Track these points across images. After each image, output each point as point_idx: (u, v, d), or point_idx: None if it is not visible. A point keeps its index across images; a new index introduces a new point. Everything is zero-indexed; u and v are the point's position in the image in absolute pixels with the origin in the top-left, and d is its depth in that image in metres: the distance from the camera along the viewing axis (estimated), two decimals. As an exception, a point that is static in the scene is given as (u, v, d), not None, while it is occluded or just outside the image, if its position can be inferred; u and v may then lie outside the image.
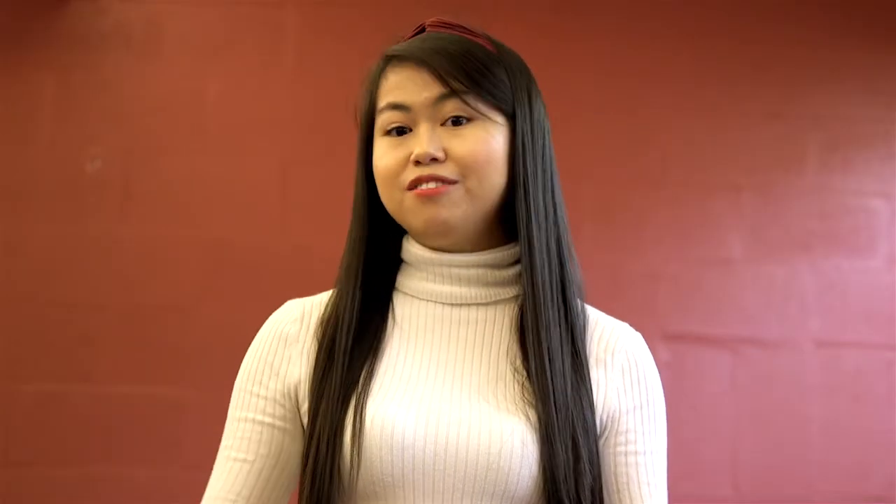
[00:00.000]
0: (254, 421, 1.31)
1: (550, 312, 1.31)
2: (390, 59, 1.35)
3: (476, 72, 1.31)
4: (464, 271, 1.35)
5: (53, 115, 2.91)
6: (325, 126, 2.82)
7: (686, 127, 3.00)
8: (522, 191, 1.32)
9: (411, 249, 1.37)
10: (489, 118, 1.31)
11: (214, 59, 2.96)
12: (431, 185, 1.29)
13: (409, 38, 1.37)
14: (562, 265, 1.34)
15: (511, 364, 1.31)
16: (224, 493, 1.31)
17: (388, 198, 1.33)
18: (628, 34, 3.01)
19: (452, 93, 1.30)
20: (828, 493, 2.91)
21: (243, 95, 2.94)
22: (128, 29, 2.95)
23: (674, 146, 2.99)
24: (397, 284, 1.38)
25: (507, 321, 1.34)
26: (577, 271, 1.36)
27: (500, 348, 1.33)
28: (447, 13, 1.38)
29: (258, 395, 1.33)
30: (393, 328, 1.35)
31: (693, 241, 2.52)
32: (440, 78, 1.30)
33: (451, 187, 1.30)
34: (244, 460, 1.32)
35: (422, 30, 1.37)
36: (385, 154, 1.32)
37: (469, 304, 1.35)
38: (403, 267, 1.38)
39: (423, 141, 1.29)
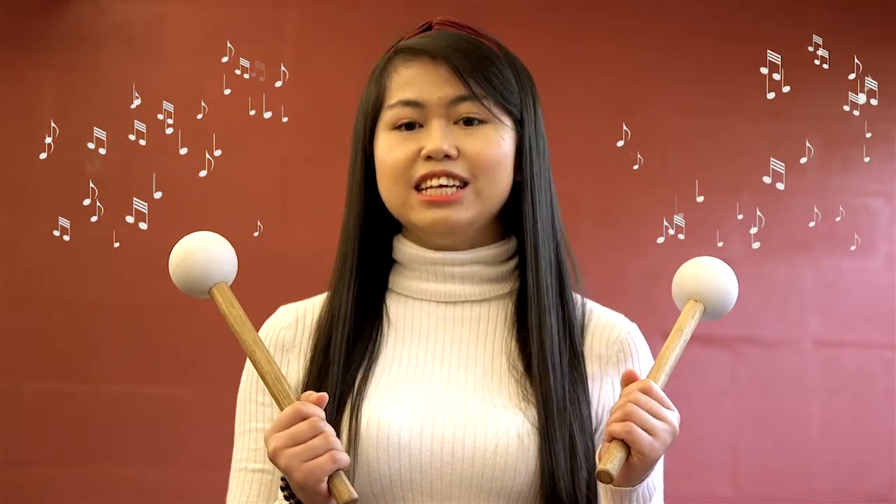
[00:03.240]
0: (264, 430, 1.27)
1: (550, 310, 1.30)
2: (401, 53, 1.31)
3: (493, 74, 1.29)
4: (458, 269, 1.33)
5: (53, 115, 2.91)
6: (325, 126, 2.81)
7: (686, 127, 3.00)
8: (529, 193, 1.31)
9: (404, 249, 1.35)
10: (500, 121, 1.30)
11: (214, 59, 2.96)
12: (444, 191, 1.28)
13: (415, 34, 1.34)
14: (559, 263, 1.33)
15: (507, 360, 1.30)
16: None
17: (391, 193, 1.31)
18: (628, 34, 3.01)
19: (471, 95, 1.28)
20: (828, 493, 2.91)
21: (243, 95, 2.94)
22: (128, 29, 2.95)
23: (674, 146, 2.99)
24: (390, 284, 1.36)
25: (501, 317, 1.33)
26: (574, 267, 1.36)
27: (495, 345, 1.32)
28: (448, 13, 1.37)
29: (263, 404, 1.32)
30: (388, 329, 1.33)
31: (693, 241, 2.52)
32: (459, 76, 1.28)
33: (462, 193, 1.28)
34: (262, 470, 1.30)
35: (427, 27, 1.35)
36: (393, 148, 1.30)
37: (464, 302, 1.34)
38: (396, 267, 1.36)
39: (437, 138, 1.27)
